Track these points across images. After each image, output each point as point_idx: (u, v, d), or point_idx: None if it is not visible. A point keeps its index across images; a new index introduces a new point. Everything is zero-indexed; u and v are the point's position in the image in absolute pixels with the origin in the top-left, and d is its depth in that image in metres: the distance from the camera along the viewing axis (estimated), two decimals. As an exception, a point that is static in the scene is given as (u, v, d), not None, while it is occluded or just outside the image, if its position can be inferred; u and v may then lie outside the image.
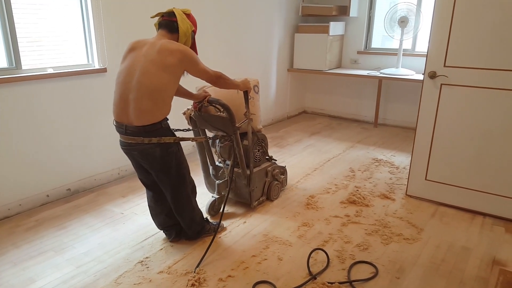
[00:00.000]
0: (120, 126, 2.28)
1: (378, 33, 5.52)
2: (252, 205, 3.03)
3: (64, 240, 2.65)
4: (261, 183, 3.10)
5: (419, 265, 2.39)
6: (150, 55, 2.20)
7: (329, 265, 2.37)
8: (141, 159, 2.33)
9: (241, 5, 4.66)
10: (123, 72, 2.26)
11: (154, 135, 2.24)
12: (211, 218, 2.95)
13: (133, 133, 2.23)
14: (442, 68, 2.88)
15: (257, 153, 3.05)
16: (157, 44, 2.22)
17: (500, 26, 2.62)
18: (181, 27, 2.31)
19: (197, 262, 2.38)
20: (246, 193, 3.00)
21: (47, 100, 3.04)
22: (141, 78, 2.17)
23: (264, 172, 3.10)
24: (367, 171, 3.84)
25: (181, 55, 2.22)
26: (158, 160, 2.29)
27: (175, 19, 2.31)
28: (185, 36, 2.34)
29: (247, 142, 2.88)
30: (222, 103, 2.63)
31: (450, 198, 3.09)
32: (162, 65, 2.18)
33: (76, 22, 3.22)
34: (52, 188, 3.19)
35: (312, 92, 6.21)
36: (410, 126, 5.27)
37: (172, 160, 2.34)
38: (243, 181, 2.94)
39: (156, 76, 2.17)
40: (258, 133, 3.04)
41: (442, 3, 2.78)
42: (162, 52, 2.19)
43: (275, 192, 3.23)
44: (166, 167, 2.34)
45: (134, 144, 2.25)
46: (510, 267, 2.39)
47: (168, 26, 2.32)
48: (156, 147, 2.25)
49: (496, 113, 2.77)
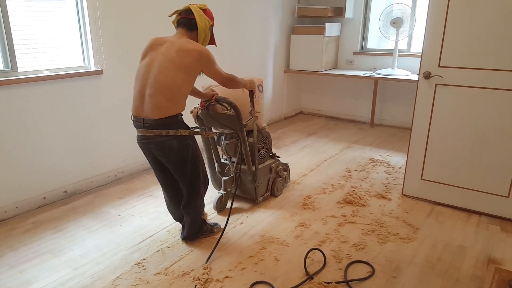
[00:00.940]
0: (138, 120, 2.34)
1: (374, 34, 5.55)
2: (258, 201, 3.13)
3: (61, 242, 2.65)
4: (265, 179, 3.18)
5: (415, 264, 2.41)
6: (169, 54, 2.27)
7: (325, 265, 2.38)
8: (159, 152, 2.38)
9: (237, 7, 4.68)
10: (142, 68, 2.34)
11: (171, 127, 2.31)
12: (218, 214, 3.03)
13: (151, 126, 2.29)
14: (437, 69, 2.90)
15: (261, 150, 3.14)
16: (177, 43, 2.29)
17: (493, 27, 2.64)
18: (199, 24, 2.37)
19: (195, 263, 2.40)
20: (251, 189, 3.09)
21: (44, 102, 3.04)
22: (158, 76, 2.25)
23: (268, 168, 3.19)
24: (363, 171, 3.85)
25: (198, 55, 2.29)
26: (175, 152, 2.35)
27: (193, 17, 2.37)
28: (204, 32, 2.41)
29: (252, 139, 2.98)
30: (230, 101, 2.73)
31: (446, 198, 3.11)
32: (179, 65, 2.25)
33: (72, 24, 3.22)
34: (49, 190, 3.19)
35: (308, 93, 6.23)
36: (406, 126, 5.29)
37: (189, 152, 2.41)
38: (248, 177, 3.03)
39: (173, 74, 2.25)
40: (262, 130, 3.14)
41: (436, 4, 2.80)
42: (181, 52, 2.26)
43: (278, 188, 3.31)
44: (183, 159, 2.40)
45: (152, 137, 2.31)
46: (506, 265, 2.40)
47: (186, 24, 2.38)
48: (173, 139, 2.32)
49: (490, 113, 2.79)
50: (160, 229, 2.82)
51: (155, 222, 2.91)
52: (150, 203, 3.22)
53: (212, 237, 2.71)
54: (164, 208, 3.10)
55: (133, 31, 3.56)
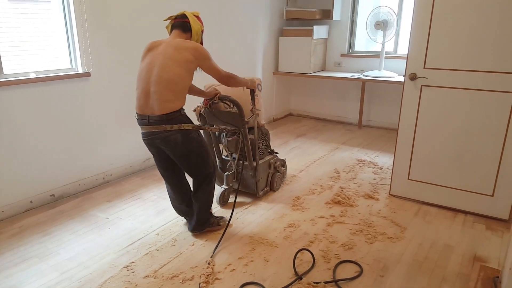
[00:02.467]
0: (143, 118, 2.47)
1: (361, 36, 5.60)
2: (258, 194, 3.27)
3: (48, 246, 2.62)
4: (265, 174, 3.32)
5: (402, 263, 2.44)
6: (167, 52, 2.42)
7: (314, 265, 2.40)
8: (164, 146, 2.50)
9: (226, 9, 4.69)
10: (144, 69, 2.48)
11: (175, 122, 2.44)
12: (222, 208, 3.14)
13: (156, 122, 2.43)
14: (422, 70, 2.94)
15: (261, 146, 3.29)
16: (173, 42, 2.46)
17: (476, 29, 2.70)
18: (193, 27, 2.56)
19: (184, 265, 2.40)
20: (252, 183, 3.24)
21: (30, 105, 3.01)
22: (160, 73, 2.39)
23: (267, 164, 3.33)
24: (351, 172, 3.89)
25: (195, 52, 2.45)
26: (180, 145, 2.48)
27: (187, 20, 2.56)
28: (196, 35, 2.60)
29: (253, 136, 3.13)
30: (232, 99, 2.87)
31: (432, 197, 3.15)
32: (178, 61, 2.41)
33: (59, 25, 3.19)
34: (36, 194, 3.16)
35: (297, 94, 6.26)
36: (393, 127, 5.35)
37: (193, 144, 2.53)
38: (249, 172, 3.18)
39: (174, 70, 2.40)
40: (262, 127, 3.30)
41: (421, 7, 2.84)
42: (179, 49, 2.43)
43: (277, 183, 3.46)
44: (188, 151, 2.53)
45: (157, 132, 2.44)
46: (491, 263, 2.45)
47: (181, 27, 2.56)
48: (177, 133, 2.45)
49: (474, 113, 2.84)
50: (149, 231, 2.81)
51: (143, 225, 2.90)
52: (138, 205, 3.20)
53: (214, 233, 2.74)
54: (153, 210, 3.11)
55: (121, 33, 3.54)
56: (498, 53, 2.66)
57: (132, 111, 3.75)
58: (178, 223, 2.91)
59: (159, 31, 3.88)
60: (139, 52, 3.70)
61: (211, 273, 2.32)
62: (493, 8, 2.61)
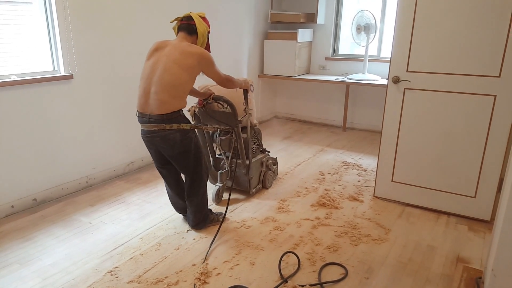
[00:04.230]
0: (144, 116, 2.54)
1: (345, 39, 5.66)
2: (251, 192, 3.37)
3: (30, 252, 2.57)
4: (257, 173, 3.43)
5: (387, 264, 2.46)
6: (172, 55, 2.48)
7: (300, 268, 2.40)
8: (163, 144, 2.57)
9: (211, 12, 4.67)
10: (147, 68, 2.53)
11: (174, 122, 2.51)
12: (216, 204, 3.23)
13: (156, 121, 2.49)
14: (405, 73, 2.98)
15: (253, 145, 3.39)
16: (179, 46, 2.52)
17: (457, 34, 2.75)
18: (199, 29, 2.61)
19: (168, 270, 2.37)
20: (245, 181, 3.34)
21: (11, 108, 2.95)
22: (163, 75, 2.45)
23: (260, 162, 3.44)
24: (336, 174, 3.91)
25: (201, 58, 2.53)
26: (178, 143, 2.55)
27: (193, 22, 2.61)
28: (202, 37, 2.65)
29: (245, 135, 3.22)
30: (226, 99, 2.97)
31: (416, 199, 3.20)
32: (182, 65, 2.47)
33: (41, 27, 3.14)
34: (17, 198, 3.09)
35: (282, 97, 6.28)
36: (377, 130, 5.41)
37: (191, 143, 2.61)
38: (242, 170, 3.27)
39: (176, 74, 2.46)
40: (254, 127, 3.40)
41: (403, 11, 2.89)
42: (184, 54, 2.49)
43: (269, 181, 3.57)
44: (186, 150, 2.60)
45: (157, 130, 2.51)
46: (473, 264, 2.49)
47: (187, 29, 2.62)
48: (176, 133, 2.53)
49: (456, 116, 2.89)
50: (133, 236, 2.77)
51: (127, 229, 2.86)
52: (122, 210, 3.16)
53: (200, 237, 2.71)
54: (137, 214, 3.07)
55: (104, 36, 3.50)
56: (479, 57, 2.71)
57: (116, 114, 3.73)
58: (163, 227, 2.89)
59: (144, 32, 3.86)
60: (122, 55, 3.69)
61: (206, 272, 2.36)
62: (473, 13, 2.67)
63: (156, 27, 3.96)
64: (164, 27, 4.03)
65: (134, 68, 3.83)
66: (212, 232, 2.80)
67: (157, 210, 3.15)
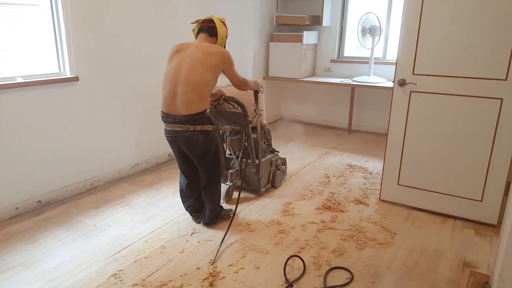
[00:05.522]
0: (169, 117, 2.62)
1: (350, 42, 5.64)
2: (260, 191, 3.43)
3: (34, 254, 2.57)
4: (267, 172, 3.48)
5: (393, 269, 2.44)
6: (195, 56, 2.57)
7: (305, 272, 2.39)
8: (185, 144, 2.66)
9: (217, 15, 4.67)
10: (172, 70, 2.61)
11: (198, 123, 2.60)
12: (227, 203, 3.29)
13: (181, 121, 2.58)
14: (411, 76, 2.96)
15: (263, 145, 3.45)
16: (201, 46, 2.62)
17: (463, 36, 2.72)
18: (219, 32, 2.73)
19: (173, 273, 2.36)
20: (255, 180, 3.40)
21: (16, 110, 2.96)
22: (188, 75, 2.53)
23: (269, 162, 3.50)
24: (341, 177, 3.89)
25: (222, 56, 2.62)
26: (201, 144, 2.65)
27: (214, 25, 2.72)
28: (222, 40, 2.76)
29: (255, 135, 3.29)
30: (237, 100, 3.04)
31: (422, 202, 3.17)
32: (205, 64, 2.56)
33: (47, 29, 3.15)
34: (22, 200, 3.10)
35: (287, 99, 6.27)
36: (382, 132, 5.38)
37: (212, 144, 2.71)
38: (252, 170, 3.33)
39: (201, 73, 2.54)
40: (264, 127, 3.46)
41: (409, 14, 2.87)
42: (206, 53, 2.58)
43: (278, 180, 3.62)
44: (206, 150, 2.70)
45: (181, 131, 2.60)
46: (480, 268, 2.46)
47: (208, 31, 2.72)
48: (199, 134, 2.61)
49: (462, 119, 2.86)
50: (137, 239, 2.77)
51: (132, 232, 2.86)
52: (127, 212, 3.16)
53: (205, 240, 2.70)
54: (141, 217, 3.07)
55: (110, 37, 3.51)
56: (485, 60, 2.69)
57: (121, 116, 3.74)
58: (167, 230, 2.88)
59: (150, 35, 3.86)
60: (128, 57, 3.70)
61: (215, 274, 2.37)
62: (479, 16, 2.64)
63: (162, 29, 3.97)
64: (169, 29, 4.04)
65: (139, 70, 3.83)
66: (220, 231, 2.79)
67: (161, 212, 3.15)
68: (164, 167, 4.20)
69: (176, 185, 3.61)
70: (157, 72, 3.75)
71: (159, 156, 4.26)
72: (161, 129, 2.94)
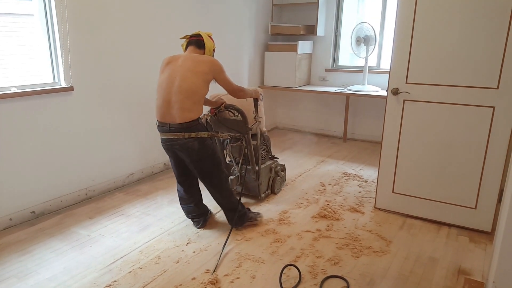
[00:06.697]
0: (164, 125, 2.71)
1: (345, 51, 5.69)
2: (260, 197, 3.49)
3: (28, 266, 2.55)
4: (266, 178, 3.54)
5: (388, 277, 2.44)
6: (186, 65, 2.67)
7: (301, 280, 2.38)
8: (182, 152, 2.73)
9: (212, 24, 4.71)
10: (164, 80, 2.70)
11: (193, 130, 2.68)
12: None
13: (176, 129, 2.66)
14: (404, 85, 2.99)
15: (262, 152, 3.51)
16: (191, 56, 2.74)
17: (456, 46, 2.76)
18: (207, 44, 2.84)
19: (168, 284, 2.34)
20: (255, 186, 3.46)
21: (11, 120, 2.95)
22: (181, 84, 2.63)
23: (268, 168, 3.56)
24: (337, 185, 3.90)
25: (212, 65, 2.72)
26: (197, 151, 2.71)
27: (201, 38, 2.83)
28: (209, 52, 2.87)
29: (255, 142, 3.36)
30: (237, 108, 3.12)
31: (417, 210, 3.18)
32: (196, 72, 2.65)
33: (42, 39, 3.16)
34: (16, 211, 3.07)
35: (283, 108, 6.29)
36: (377, 140, 5.40)
37: (208, 150, 2.77)
38: (252, 176, 3.39)
39: (193, 81, 2.64)
40: (263, 134, 3.53)
41: (402, 24, 2.90)
42: (196, 62, 2.69)
43: (277, 186, 3.68)
44: (203, 157, 2.76)
45: (176, 139, 2.68)
46: (475, 275, 2.46)
47: (196, 43, 2.84)
48: (194, 141, 2.68)
49: (456, 127, 2.89)
50: (132, 249, 2.75)
51: (127, 242, 2.84)
52: (121, 222, 3.14)
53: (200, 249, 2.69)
54: (136, 227, 3.05)
55: (105, 48, 3.52)
56: (477, 69, 2.72)
57: (115, 125, 3.74)
58: (163, 240, 2.87)
59: (144, 45, 3.88)
60: (122, 67, 3.71)
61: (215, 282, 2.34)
62: (471, 26, 2.68)
63: (156, 40, 3.99)
64: (164, 39, 4.06)
65: (134, 80, 3.84)
66: (216, 241, 2.78)
67: (156, 222, 3.14)
68: (160, 176, 4.19)
69: (172, 195, 3.60)
70: (152, 82, 3.77)
71: (154, 166, 4.25)
72: (156, 139, 2.95)
